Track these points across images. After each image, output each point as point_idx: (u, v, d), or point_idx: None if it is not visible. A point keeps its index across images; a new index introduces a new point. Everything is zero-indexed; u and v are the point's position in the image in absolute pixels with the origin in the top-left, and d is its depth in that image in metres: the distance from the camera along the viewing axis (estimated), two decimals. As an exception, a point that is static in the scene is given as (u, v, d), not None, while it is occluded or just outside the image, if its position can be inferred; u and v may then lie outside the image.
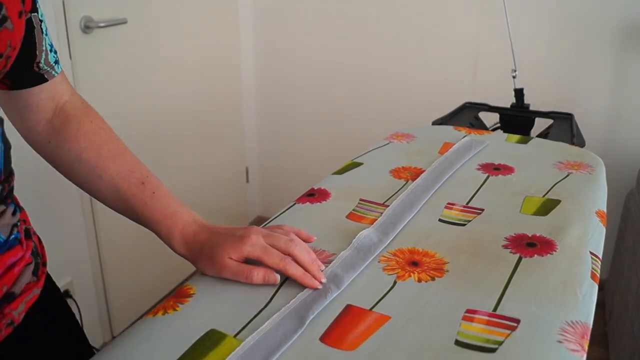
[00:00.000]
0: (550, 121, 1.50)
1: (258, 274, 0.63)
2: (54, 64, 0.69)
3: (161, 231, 0.71)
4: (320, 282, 0.63)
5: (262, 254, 0.64)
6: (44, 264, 0.69)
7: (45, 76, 0.69)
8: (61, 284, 1.74)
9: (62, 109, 0.73)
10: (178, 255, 0.70)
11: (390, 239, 0.74)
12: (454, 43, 2.11)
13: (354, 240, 0.73)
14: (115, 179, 0.72)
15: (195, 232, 0.68)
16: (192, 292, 0.64)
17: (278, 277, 0.64)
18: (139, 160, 0.75)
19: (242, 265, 0.64)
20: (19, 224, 0.63)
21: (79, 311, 1.79)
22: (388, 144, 1.11)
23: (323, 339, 0.56)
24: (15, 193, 0.69)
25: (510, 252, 0.70)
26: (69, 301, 1.77)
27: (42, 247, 0.71)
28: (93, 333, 1.88)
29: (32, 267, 0.65)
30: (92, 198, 1.75)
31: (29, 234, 0.66)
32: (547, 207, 0.82)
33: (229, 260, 0.64)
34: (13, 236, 0.61)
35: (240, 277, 0.63)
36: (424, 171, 0.96)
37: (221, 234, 0.66)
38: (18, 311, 0.61)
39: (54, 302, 0.74)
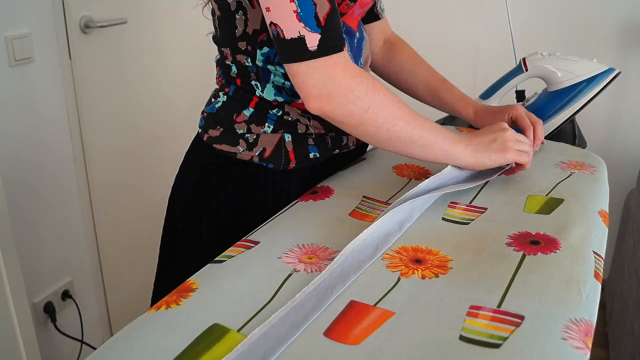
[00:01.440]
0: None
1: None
2: (382, 10, 1.10)
3: (460, 107, 1.10)
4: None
5: (521, 117, 1.01)
6: None
7: (379, 16, 1.10)
8: (61, 284, 1.74)
9: (387, 39, 1.14)
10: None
11: (398, 235, 0.74)
12: (455, 43, 2.11)
13: (359, 235, 0.73)
14: (427, 77, 1.11)
15: (481, 107, 1.08)
16: (195, 286, 0.63)
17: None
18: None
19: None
20: None
21: (79, 311, 1.79)
22: (390, 143, 1.11)
23: (327, 333, 0.55)
24: (16, 194, 0.69)
25: (514, 250, 0.70)
26: (68, 301, 1.76)
27: None
28: (92, 333, 1.87)
29: None
30: (92, 198, 1.77)
31: None
32: (550, 205, 0.82)
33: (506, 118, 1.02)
34: None
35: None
36: (427, 170, 0.96)
37: (497, 107, 1.07)
38: None
39: None
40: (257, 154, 0.88)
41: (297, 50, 0.73)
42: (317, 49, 0.72)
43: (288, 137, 0.88)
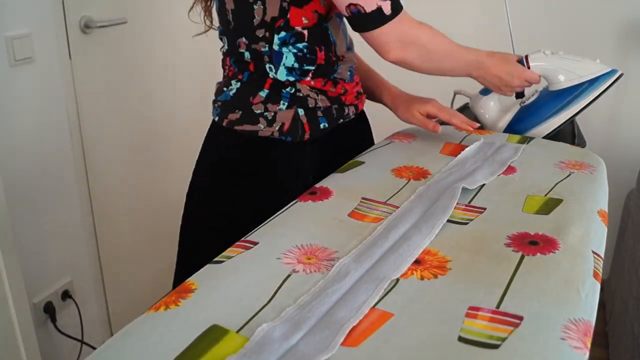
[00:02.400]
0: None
1: (436, 126, 1.08)
2: None
3: (378, 94, 1.19)
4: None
5: (438, 111, 1.10)
6: None
7: None
8: (61, 283, 1.73)
9: None
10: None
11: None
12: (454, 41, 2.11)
13: (369, 236, 0.73)
14: (360, 61, 1.18)
15: (398, 93, 1.17)
16: (194, 287, 0.63)
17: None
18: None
19: (426, 119, 1.11)
20: None
21: (79, 311, 1.78)
22: (390, 143, 1.11)
23: (326, 335, 0.55)
24: (16, 193, 0.70)
25: (513, 251, 0.70)
26: (68, 301, 1.76)
27: None
28: (92, 333, 1.87)
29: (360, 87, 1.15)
30: (92, 198, 1.76)
31: None
32: (549, 206, 0.82)
33: (417, 113, 1.11)
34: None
35: (425, 126, 1.10)
36: (425, 170, 0.96)
37: (414, 97, 1.14)
38: (364, 100, 1.17)
39: None
40: (277, 129, 0.98)
41: (377, 18, 0.91)
42: (392, 12, 0.92)
43: (301, 112, 0.99)
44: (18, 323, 1.37)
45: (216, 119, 1.03)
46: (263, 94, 0.98)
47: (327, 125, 1.02)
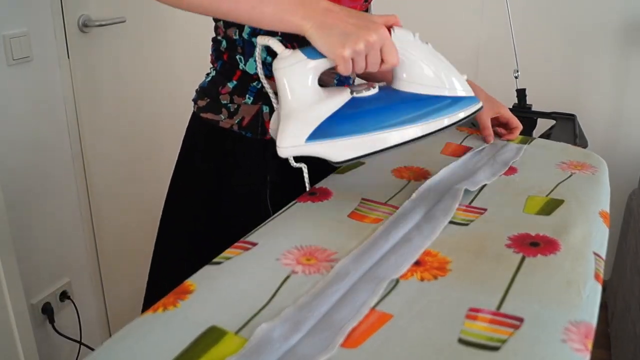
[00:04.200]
0: (553, 122, 1.49)
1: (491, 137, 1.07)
2: None
3: None
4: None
5: (511, 117, 1.10)
6: None
7: None
8: (59, 284, 1.73)
9: None
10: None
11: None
12: (455, 43, 2.11)
13: (372, 235, 0.72)
14: None
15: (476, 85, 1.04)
16: (192, 288, 0.63)
17: None
18: None
19: (490, 125, 1.08)
20: None
21: (77, 312, 1.78)
22: (389, 143, 1.10)
23: (325, 337, 0.55)
24: (14, 194, 0.70)
25: (514, 252, 0.69)
26: (67, 302, 1.76)
27: None
28: (91, 334, 1.87)
29: None
30: (90, 198, 1.76)
31: None
32: (550, 206, 0.82)
33: (491, 112, 1.08)
34: None
35: (485, 130, 1.07)
36: (426, 171, 0.95)
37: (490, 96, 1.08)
38: None
39: None
40: (236, 122, 0.96)
41: None
42: None
43: (266, 109, 0.95)
44: (16, 324, 1.37)
45: (193, 104, 1.03)
46: (231, 85, 0.96)
47: None
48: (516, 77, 1.56)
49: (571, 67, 2.05)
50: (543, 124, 1.52)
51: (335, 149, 0.77)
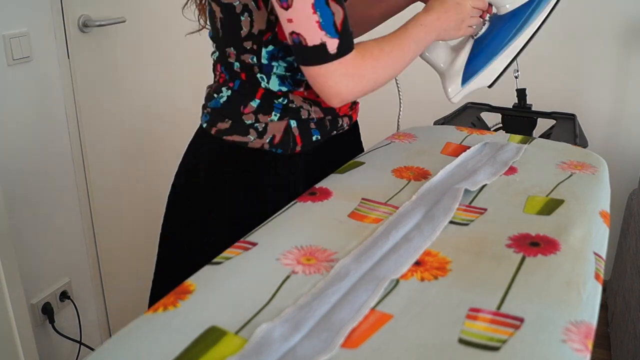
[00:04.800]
0: (553, 122, 1.49)
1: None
2: None
3: None
4: None
5: None
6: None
7: None
8: (59, 284, 1.73)
9: None
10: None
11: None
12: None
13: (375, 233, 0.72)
14: None
15: None
16: (192, 288, 0.63)
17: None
18: None
19: None
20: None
21: (77, 312, 1.78)
22: (390, 143, 1.10)
23: (325, 337, 0.55)
24: (14, 194, 0.70)
25: (514, 252, 0.69)
26: (67, 302, 1.76)
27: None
28: (91, 334, 1.87)
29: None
30: (90, 198, 1.76)
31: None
32: (550, 206, 0.82)
33: None
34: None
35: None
36: (426, 171, 0.95)
37: None
38: (357, 111, 1.10)
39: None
40: (267, 141, 0.95)
41: (319, 55, 0.83)
42: (337, 52, 0.83)
43: (294, 123, 0.96)
44: (16, 324, 1.37)
45: (204, 125, 0.99)
46: (254, 104, 0.94)
47: (319, 137, 0.99)
48: (516, 77, 1.56)
49: (571, 67, 2.05)
50: (543, 124, 1.52)
51: (483, 78, 1.08)
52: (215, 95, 0.98)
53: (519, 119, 1.51)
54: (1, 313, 1.34)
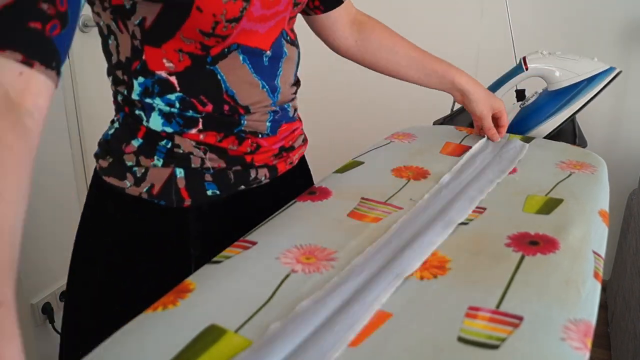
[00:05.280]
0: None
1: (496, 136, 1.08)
2: None
3: (454, 73, 1.06)
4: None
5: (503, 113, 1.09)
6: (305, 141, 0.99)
7: None
8: (59, 284, 1.73)
9: (355, 20, 1.05)
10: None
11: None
12: (455, 42, 2.11)
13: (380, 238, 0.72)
14: (408, 50, 1.06)
15: (473, 81, 1.07)
16: (192, 287, 0.63)
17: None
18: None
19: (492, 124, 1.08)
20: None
21: (78, 311, 1.78)
22: (389, 143, 1.10)
23: (324, 335, 0.55)
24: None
25: (513, 251, 0.69)
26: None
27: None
28: (92, 334, 1.87)
29: (302, 137, 0.96)
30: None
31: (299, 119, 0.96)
32: (549, 206, 0.82)
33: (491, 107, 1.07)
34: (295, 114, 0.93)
35: (489, 129, 1.07)
36: (425, 170, 0.96)
37: (485, 90, 1.08)
38: (294, 157, 0.93)
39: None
40: (144, 190, 0.79)
41: None
42: None
43: (180, 173, 0.79)
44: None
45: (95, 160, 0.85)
46: (136, 143, 0.78)
47: (218, 191, 0.82)
48: (516, 77, 1.56)
49: (571, 67, 2.05)
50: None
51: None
52: (109, 126, 0.85)
53: (519, 119, 1.51)
54: (2, 313, 1.35)
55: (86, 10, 1.75)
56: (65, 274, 0.89)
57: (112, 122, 0.85)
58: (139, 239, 0.82)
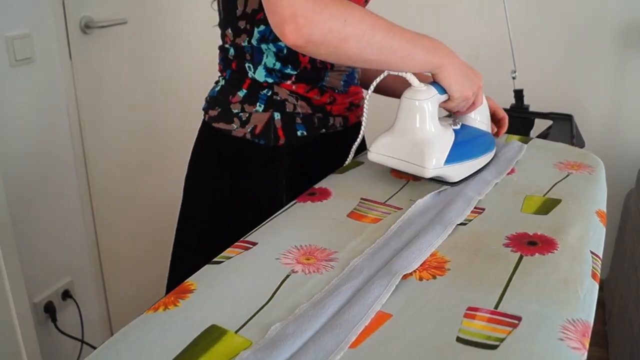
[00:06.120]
0: (550, 122, 1.50)
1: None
2: None
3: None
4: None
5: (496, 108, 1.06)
6: None
7: None
8: (61, 283, 1.74)
9: None
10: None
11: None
12: (453, 43, 2.11)
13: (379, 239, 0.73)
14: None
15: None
16: (192, 287, 0.64)
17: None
18: None
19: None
20: None
21: (79, 311, 1.79)
22: (389, 143, 1.11)
23: (324, 335, 0.55)
24: (16, 193, 0.70)
25: (512, 251, 0.70)
26: (69, 301, 1.77)
27: None
28: (93, 332, 1.87)
29: (364, 100, 0.97)
30: (92, 198, 1.77)
31: None
32: (547, 206, 0.82)
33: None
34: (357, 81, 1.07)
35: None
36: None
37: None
38: (360, 114, 1.04)
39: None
40: (248, 130, 0.96)
41: None
42: None
43: (277, 116, 0.97)
44: (18, 323, 1.38)
45: (203, 112, 1.03)
46: (241, 94, 0.97)
47: (305, 133, 1.00)
48: (514, 78, 1.57)
49: (568, 68, 2.05)
50: (540, 125, 1.53)
51: (456, 171, 0.88)
52: (215, 85, 1.02)
53: (517, 119, 1.52)
54: (4, 312, 1.35)
55: (88, 12, 1.75)
56: (67, 273, 0.90)
57: (217, 82, 1.02)
58: (241, 173, 0.99)
